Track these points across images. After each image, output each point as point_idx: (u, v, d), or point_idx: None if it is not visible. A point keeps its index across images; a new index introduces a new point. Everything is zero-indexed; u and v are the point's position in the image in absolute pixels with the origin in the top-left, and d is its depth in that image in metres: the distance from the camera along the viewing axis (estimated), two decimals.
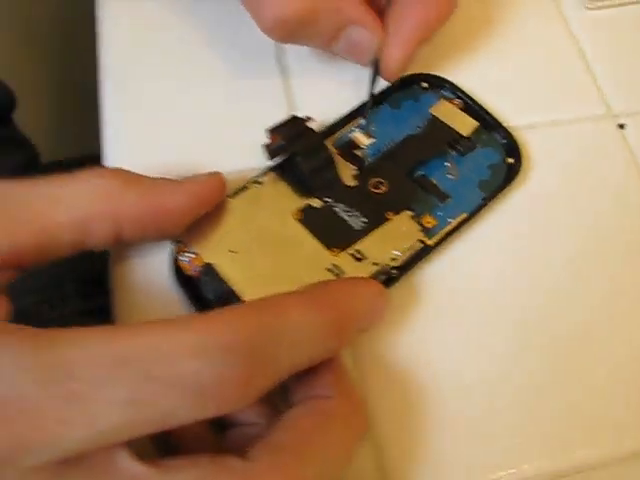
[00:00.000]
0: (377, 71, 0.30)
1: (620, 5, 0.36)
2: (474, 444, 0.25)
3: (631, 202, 0.31)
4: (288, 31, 0.29)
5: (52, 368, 0.18)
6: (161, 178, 0.25)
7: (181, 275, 0.26)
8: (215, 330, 0.19)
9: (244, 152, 0.30)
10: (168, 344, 0.19)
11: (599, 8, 0.36)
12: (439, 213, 0.29)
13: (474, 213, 0.29)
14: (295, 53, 0.34)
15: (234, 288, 0.26)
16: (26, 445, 0.17)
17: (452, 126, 0.31)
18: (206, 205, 0.26)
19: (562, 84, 0.34)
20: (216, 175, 0.27)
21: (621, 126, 0.33)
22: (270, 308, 0.20)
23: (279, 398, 0.24)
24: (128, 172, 0.25)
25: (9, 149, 0.53)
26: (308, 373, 0.22)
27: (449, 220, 0.28)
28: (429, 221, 0.28)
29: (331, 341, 0.22)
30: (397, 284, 0.27)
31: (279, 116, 0.29)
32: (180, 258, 0.27)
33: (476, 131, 0.31)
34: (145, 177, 0.25)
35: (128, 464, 0.19)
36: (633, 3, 0.36)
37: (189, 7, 0.35)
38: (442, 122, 0.31)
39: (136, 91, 0.32)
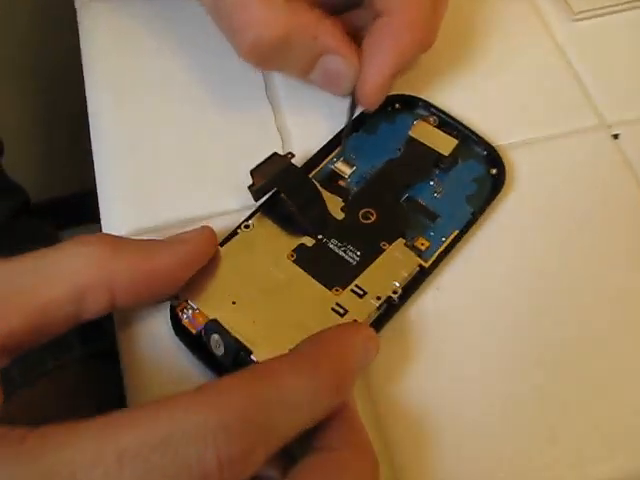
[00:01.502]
0: (355, 101, 0.31)
1: (606, 13, 0.36)
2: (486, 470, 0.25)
3: (628, 212, 0.31)
4: (264, 57, 0.30)
5: (53, 474, 0.17)
6: (150, 240, 0.26)
7: (185, 334, 0.26)
8: (211, 410, 0.19)
9: (233, 192, 0.30)
10: (166, 431, 0.18)
11: (585, 18, 0.36)
12: (431, 233, 0.29)
13: (465, 229, 0.29)
14: (284, 80, 0.34)
15: (242, 341, 0.25)
16: None
17: (432, 146, 0.31)
18: (198, 263, 0.26)
19: (551, 97, 0.34)
20: (206, 230, 0.27)
21: (615, 136, 0.33)
22: (262, 378, 0.20)
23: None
24: (115, 237, 0.25)
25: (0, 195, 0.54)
26: (321, 423, 0.22)
27: (442, 239, 0.29)
28: (423, 243, 0.28)
29: (330, 400, 0.21)
30: (399, 312, 0.27)
31: (270, 149, 0.29)
32: (182, 316, 0.26)
33: (456, 147, 0.31)
34: (133, 241, 0.25)
35: None
36: (618, 11, 0.36)
37: (176, 38, 0.36)
38: (421, 143, 0.31)
39: (126, 131, 0.33)
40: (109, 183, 0.32)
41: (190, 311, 0.26)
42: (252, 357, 0.25)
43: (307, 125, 0.33)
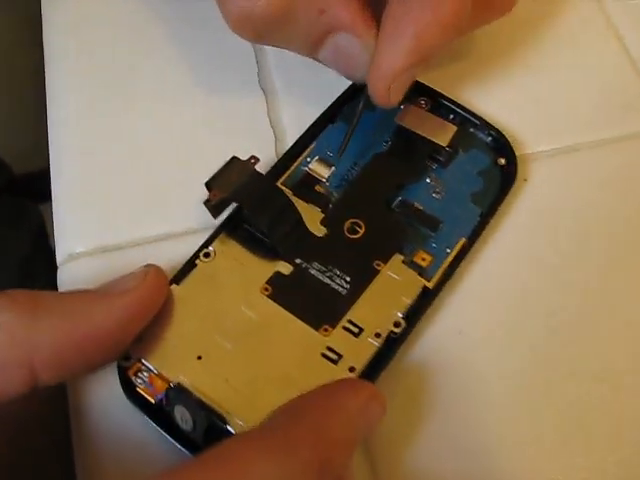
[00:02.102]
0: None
1: None
2: None
3: None
4: (260, 30, 0.24)
5: None
6: (78, 295, 0.21)
7: (142, 402, 0.21)
8: None
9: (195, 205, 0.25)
10: None
11: None
12: (433, 245, 0.24)
13: (474, 235, 0.24)
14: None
15: (214, 407, 0.21)
16: None
17: (426, 135, 0.26)
18: (144, 317, 0.21)
19: (601, 94, 0.28)
20: (151, 272, 0.21)
21: None
22: (226, 464, 0.17)
23: None
24: (33, 297, 0.20)
25: None
26: None
27: (447, 250, 0.24)
28: (424, 257, 0.24)
29: None
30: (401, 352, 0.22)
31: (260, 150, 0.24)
32: (135, 381, 0.21)
33: (455, 135, 0.26)
34: (56, 299, 0.21)
35: None
36: None
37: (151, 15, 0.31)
38: (413, 132, 0.26)
39: (87, 129, 0.28)
40: (65, 189, 0.27)
41: (146, 374, 0.21)
42: (228, 428, 0.20)
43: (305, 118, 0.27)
